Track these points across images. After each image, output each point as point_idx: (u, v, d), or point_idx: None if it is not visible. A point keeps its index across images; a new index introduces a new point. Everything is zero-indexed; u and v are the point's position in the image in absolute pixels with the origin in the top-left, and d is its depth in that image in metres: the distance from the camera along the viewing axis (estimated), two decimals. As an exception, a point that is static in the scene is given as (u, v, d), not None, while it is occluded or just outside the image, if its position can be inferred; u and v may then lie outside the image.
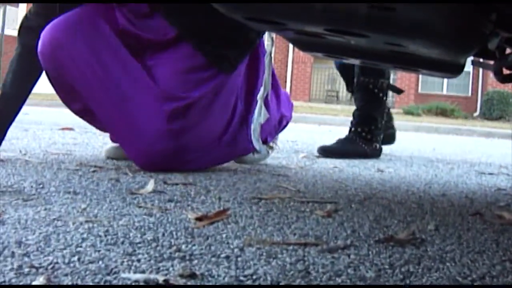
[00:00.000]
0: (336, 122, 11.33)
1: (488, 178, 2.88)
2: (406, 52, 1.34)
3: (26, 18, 2.39)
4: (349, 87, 3.90)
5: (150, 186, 1.86)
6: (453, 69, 1.55)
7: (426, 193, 2.20)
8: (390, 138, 4.00)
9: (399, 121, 12.91)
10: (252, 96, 2.48)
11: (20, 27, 2.39)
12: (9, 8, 22.79)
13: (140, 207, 1.58)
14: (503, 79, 1.75)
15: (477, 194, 2.29)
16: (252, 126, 2.33)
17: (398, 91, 3.78)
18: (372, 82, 3.57)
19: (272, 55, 2.67)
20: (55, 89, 2.33)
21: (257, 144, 2.30)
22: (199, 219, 1.45)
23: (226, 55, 2.31)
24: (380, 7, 0.93)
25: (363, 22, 1.03)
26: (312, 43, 1.45)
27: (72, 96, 2.32)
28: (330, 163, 3.05)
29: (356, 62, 1.78)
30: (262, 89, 2.22)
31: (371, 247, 1.30)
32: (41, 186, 1.82)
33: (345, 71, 3.82)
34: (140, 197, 1.72)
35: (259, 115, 2.27)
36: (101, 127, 2.54)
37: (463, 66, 1.57)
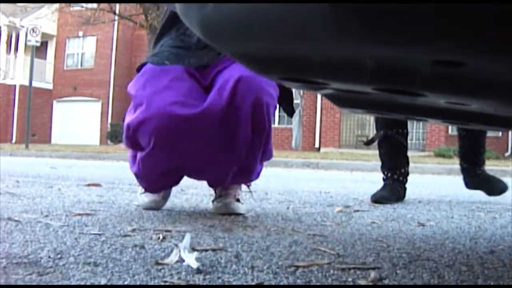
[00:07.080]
0: (368, 168, 11.16)
1: (534, 229, 2.70)
2: (464, 109, 1.19)
3: None
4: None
5: (176, 255, 1.71)
6: (509, 124, 1.39)
7: (473, 251, 2.03)
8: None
9: (431, 163, 12.74)
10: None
11: None
12: (37, 60, 23.15)
13: (165, 282, 1.43)
14: None
15: (526, 249, 2.12)
16: None
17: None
18: (400, 133, 3.76)
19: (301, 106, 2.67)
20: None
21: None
22: (230, 297, 1.30)
23: None
24: (448, 62, 0.77)
25: (424, 81, 0.87)
26: (353, 99, 1.30)
27: None
28: (367, 218, 2.89)
29: (401, 117, 1.62)
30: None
31: (426, 328, 1.15)
32: (59, 256, 1.69)
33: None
34: (166, 268, 1.56)
35: None
36: None
37: (519, 119, 1.42)
